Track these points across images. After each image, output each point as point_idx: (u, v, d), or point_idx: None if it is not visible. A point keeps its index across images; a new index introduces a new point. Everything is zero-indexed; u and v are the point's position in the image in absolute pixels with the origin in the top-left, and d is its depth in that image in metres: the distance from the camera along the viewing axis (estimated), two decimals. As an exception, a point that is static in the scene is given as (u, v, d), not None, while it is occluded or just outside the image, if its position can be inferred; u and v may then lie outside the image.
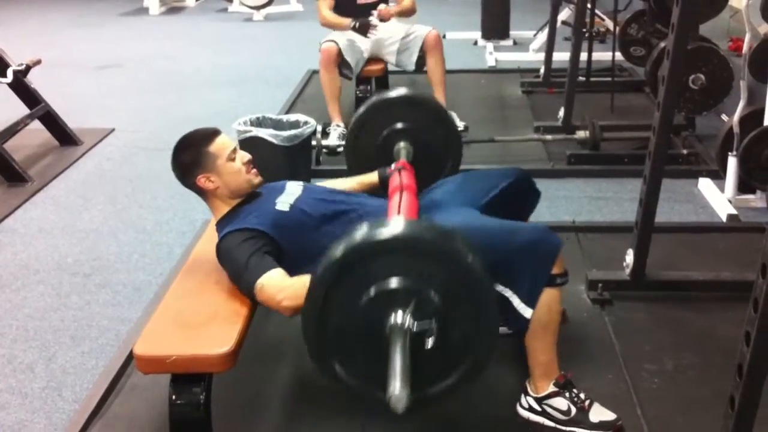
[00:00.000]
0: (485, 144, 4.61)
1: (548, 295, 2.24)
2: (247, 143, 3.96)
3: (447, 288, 1.90)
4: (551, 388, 2.35)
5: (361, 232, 1.93)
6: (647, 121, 4.77)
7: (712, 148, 4.49)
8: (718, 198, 3.94)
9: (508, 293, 2.23)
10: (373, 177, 2.82)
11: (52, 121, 5.00)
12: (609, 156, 4.44)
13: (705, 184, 4.14)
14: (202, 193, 2.47)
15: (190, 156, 2.43)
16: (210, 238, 2.72)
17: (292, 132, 3.95)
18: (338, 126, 4.80)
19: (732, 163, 3.84)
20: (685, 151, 4.39)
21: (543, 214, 3.87)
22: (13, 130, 4.65)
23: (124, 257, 3.60)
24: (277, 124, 4.14)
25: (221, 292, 2.34)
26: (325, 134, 4.73)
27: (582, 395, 2.35)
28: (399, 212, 2.38)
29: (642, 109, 5.29)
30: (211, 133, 2.46)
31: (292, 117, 4.18)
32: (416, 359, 1.84)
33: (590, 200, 4.08)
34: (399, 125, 2.96)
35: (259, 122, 4.15)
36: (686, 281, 3.04)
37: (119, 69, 7.10)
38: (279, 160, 3.93)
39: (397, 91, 3.06)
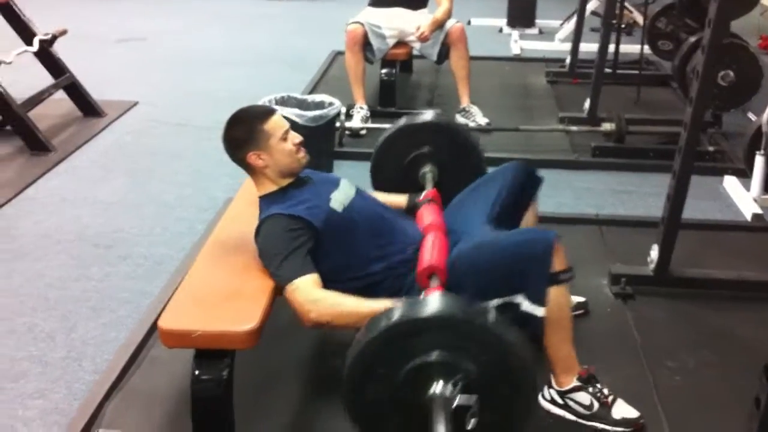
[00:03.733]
0: (509, 133, 4.59)
1: (555, 293, 2.22)
2: (272, 122, 3.96)
3: (485, 367, 1.89)
4: (574, 383, 2.34)
5: (404, 308, 1.93)
6: (673, 116, 4.82)
7: (739, 146, 4.44)
8: (743, 197, 3.91)
9: (516, 298, 2.22)
10: (401, 200, 2.77)
11: (76, 91, 5.00)
12: (634, 149, 4.41)
13: (730, 183, 4.10)
14: (249, 169, 2.45)
15: (244, 131, 2.41)
16: (234, 216, 2.73)
17: (318, 112, 3.93)
18: (362, 108, 4.78)
19: (759, 162, 3.79)
20: (711, 148, 4.36)
21: (566, 205, 3.87)
22: (38, 99, 4.66)
23: (145, 230, 3.60)
24: (302, 104, 4.12)
25: (246, 269, 2.33)
26: (349, 116, 4.72)
27: (605, 390, 2.34)
28: (433, 259, 2.33)
29: (668, 104, 5.25)
30: (267, 111, 2.45)
31: (317, 97, 4.16)
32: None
33: (613, 193, 4.05)
34: (425, 149, 2.97)
35: (284, 101, 4.13)
36: (709, 279, 3.01)
37: (141, 43, 7.10)
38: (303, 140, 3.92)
39: (425, 117, 3.06)
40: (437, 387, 1.88)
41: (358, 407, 1.96)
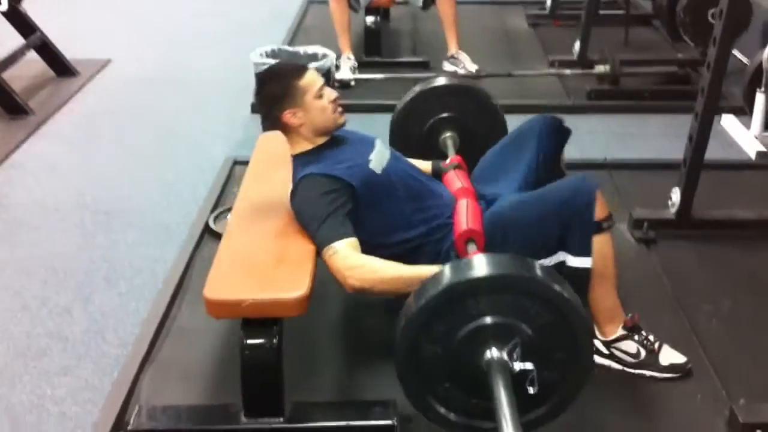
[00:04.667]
0: (501, 79, 4.51)
1: (598, 242, 2.19)
2: (266, 76, 3.83)
3: (545, 327, 1.83)
4: (620, 332, 2.31)
5: (453, 271, 1.86)
6: (664, 56, 4.80)
7: (732, 83, 4.45)
8: (744, 135, 3.87)
9: (561, 255, 2.19)
10: (425, 166, 2.67)
11: (48, 51, 4.78)
12: (630, 91, 4.37)
13: (729, 121, 4.07)
14: (284, 127, 2.33)
15: (279, 88, 2.29)
16: (256, 176, 2.63)
17: (314, 65, 3.79)
18: (349, 58, 4.65)
19: (760, 99, 3.75)
20: (706, 87, 4.32)
21: (570, 150, 3.76)
22: (11, 60, 4.44)
23: (144, 196, 3.47)
24: (294, 57, 4.00)
25: (284, 232, 2.25)
26: (336, 67, 4.59)
27: (651, 337, 2.32)
28: (469, 224, 2.26)
29: (654, 44, 5.21)
30: (301, 67, 2.33)
31: (309, 49, 4.05)
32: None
33: (615, 137, 4.02)
34: (445, 114, 2.90)
35: (275, 54, 4.01)
36: (732, 220, 3.02)
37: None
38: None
39: (443, 81, 2.98)
40: (495, 351, 1.82)
41: (411, 367, 1.88)
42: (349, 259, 2.11)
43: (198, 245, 2.97)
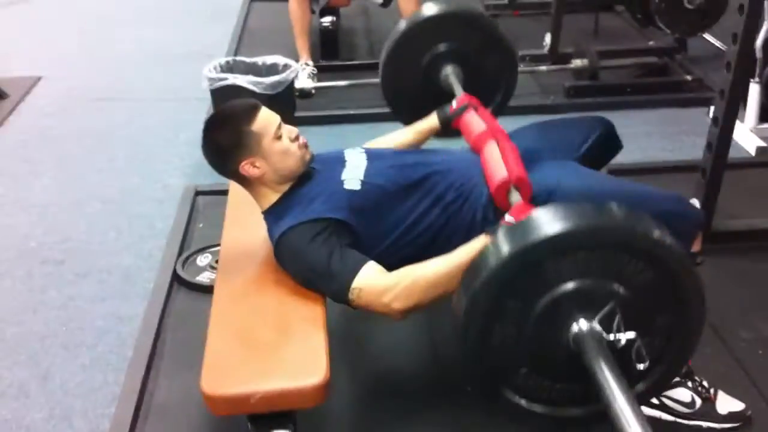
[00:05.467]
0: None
1: None
2: (222, 93, 3.49)
3: (643, 284, 1.52)
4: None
5: (520, 230, 1.51)
6: (637, 45, 4.55)
7: (712, 71, 4.24)
8: (738, 128, 3.64)
9: None
10: (431, 122, 2.37)
11: (-31, 72, 4.31)
12: (610, 86, 4.11)
13: (718, 113, 3.86)
14: (244, 180, 2.00)
15: (229, 138, 1.95)
16: (237, 223, 2.28)
17: (276, 78, 3.48)
18: (307, 64, 4.28)
19: (754, 90, 3.56)
20: (688, 77, 4.10)
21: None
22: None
23: (97, 236, 3.08)
24: (252, 69, 3.66)
25: (284, 295, 1.91)
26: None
27: (705, 383, 2.07)
28: (510, 169, 1.94)
29: (622, 31, 4.97)
30: (251, 108, 1.98)
31: (268, 59, 3.70)
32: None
33: (601, 137, 3.75)
34: (441, 47, 2.52)
35: (230, 67, 3.66)
36: (756, 230, 2.77)
37: (25, 6, 6.24)
38: (261, 111, 3.45)
39: (434, 9, 2.55)
40: (583, 323, 1.51)
41: (482, 356, 1.57)
42: (379, 283, 1.79)
43: (168, 298, 2.60)
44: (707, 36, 4.65)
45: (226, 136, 1.96)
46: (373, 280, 1.79)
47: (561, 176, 2.01)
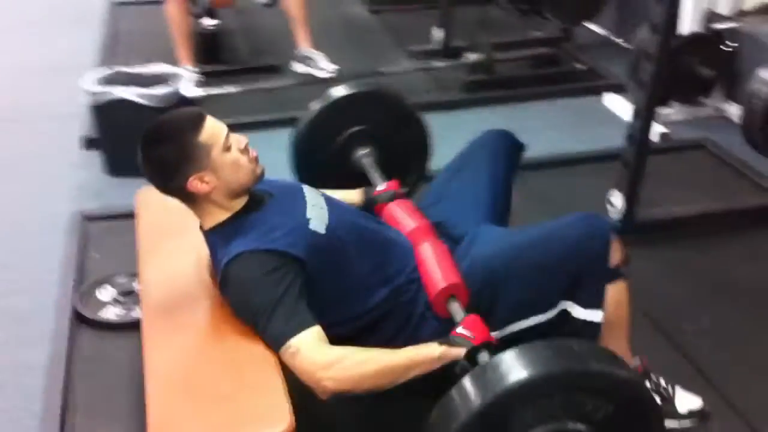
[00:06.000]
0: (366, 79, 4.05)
1: (613, 291, 1.86)
2: (107, 108, 3.21)
3: (604, 419, 1.46)
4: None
5: (480, 383, 1.44)
6: (523, 35, 4.52)
7: (601, 59, 4.28)
8: (635, 115, 3.69)
9: (566, 305, 1.84)
10: (354, 198, 2.22)
11: None
12: (507, 79, 4.07)
13: (612, 101, 3.89)
14: (189, 197, 1.79)
15: (175, 152, 1.74)
16: (153, 250, 2.06)
17: (167, 90, 3.22)
18: (189, 70, 4.01)
19: (651, 77, 3.58)
20: (579, 66, 4.12)
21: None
22: None
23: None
24: (136, 80, 3.38)
25: (224, 332, 1.72)
26: None
27: (663, 381, 2.02)
28: (446, 277, 1.85)
29: (502, 23, 4.89)
30: (197, 117, 1.78)
31: (153, 69, 3.44)
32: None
33: (506, 132, 3.69)
34: (354, 129, 2.47)
35: (111, 79, 3.36)
36: (676, 219, 2.77)
37: None
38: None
39: (342, 90, 2.52)
40: None
41: None
42: (318, 355, 1.63)
43: (72, 341, 2.33)
44: (590, 25, 4.70)
45: (170, 150, 1.75)
46: (313, 346, 1.63)
47: (482, 250, 1.93)
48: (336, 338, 1.69)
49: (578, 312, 1.83)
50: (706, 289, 2.51)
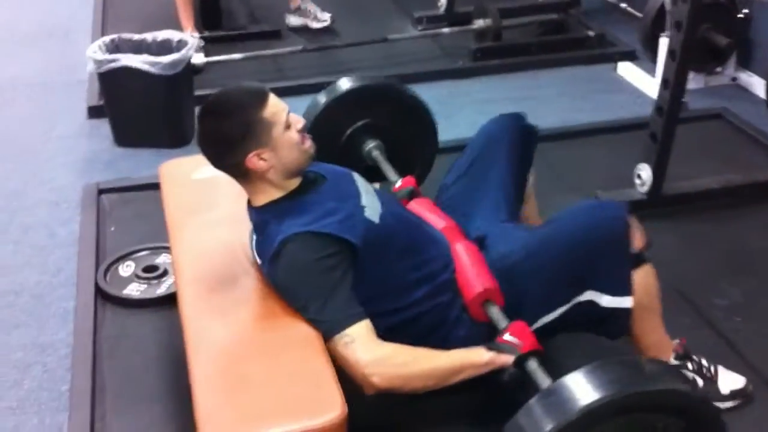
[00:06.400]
0: (368, 46, 3.97)
1: (640, 275, 1.85)
2: (113, 76, 3.13)
3: None
4: (672, 362, 1.95)
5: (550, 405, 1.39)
6: (537, 2, 4.44)
7: (609, 25, 4.21)
8: (649, 84, 3.65)
9: (592, 295, 1.82)
10: None
11: None
12: (516, 46, 4.00)
13: (626, 69, 3.84)
14: (246, 174, 1.74)
15: (239, 126, 1.68)
16: (184, 227, 2.00)
17: (174, 57, 3.14)
18: (193, 36, 3.92)
19: (665, 44, 3.52)
20: (591, 33, 4.04)
21: (475, 124, 3.37)
22: None
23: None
24: (141, 47, 3.30)
25: (267, 315, 1.69)
26: None
27: (704, 362, 1.99)
28: (482, 281, 1.81)
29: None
30: (261, 93, 1.72)
31: (159, 35, 3.35)
32: None
33: (516, 101, 3.58)
34: (361, 122, 2.42)
35: (116, 46, 3.28)
36: (703, 191, 2.74)
37: None
38: (159, 95, 3.15)
39: (348, 83, 2.45)
40: None
41: None
42: (370, 349, 1.61)
43: (96, 321, 2.27)
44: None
45: (233, 125, 1.69)
46: (368, 341, 1.61)
47: (495, 248, 1.90)
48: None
49: (606, 300, 1.82)
50: (733, 263, 2.49)
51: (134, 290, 2.38)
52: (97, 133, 3.38)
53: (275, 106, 1.71)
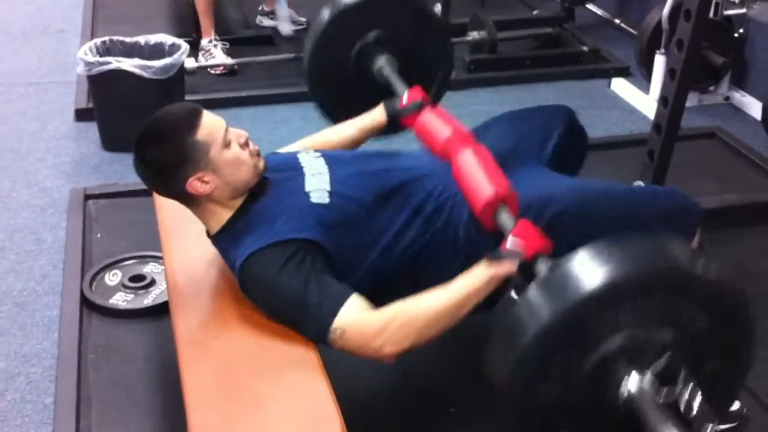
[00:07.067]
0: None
1: None
2: (104, 79, 3.08)
3: (699, 331, 1.36)
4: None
5: (564, 282, 1.31)
6: (522, 14, 4.43)
7: (603, 41, 4.20)
8: (643, 100, 3.65)
9: None
10: (377, 117, 2.09)
11: None
12: (511, 59, 3.98)
13: (620, 85, 3.83)
14: (189, 199, 1.70)
15: (172, 153, 1.64)
16: (177, 236, 1.96)
17: (166, 61, 3.09)
18: (217, 40, 3.88)
19: (660, 61, 3.53)
20: (586, 48, 4.03)
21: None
22: None
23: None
24: (133, 50, 3.25)
25: (261, 329, 1.64)
26: (206, 54, 3.85)
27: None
28: (494, 184, 1.71)
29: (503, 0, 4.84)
30: (193, 113, 1.66)
31: (151, 38, 3.30)
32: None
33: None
34: (371, 36, 2.28)
35: (107, 49, 3.23)
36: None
37: None
38: (150, 99, 3.08)
39: None
40: (634, 379, 1.34)
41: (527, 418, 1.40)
42: (365, 325, 1.56)
43: (81, 331, 2.22)
44: (590, 5, 4.63)
45: (167, 152, 1.64)
46: (359, 320, 1.55)
47: (545, 187, 1.82)
48: (387, 282, 1.70)
49: None
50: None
51: (121, 300, 2.33)
52: (84, 136, 3.33)
53: (210, 126, 1.66)
